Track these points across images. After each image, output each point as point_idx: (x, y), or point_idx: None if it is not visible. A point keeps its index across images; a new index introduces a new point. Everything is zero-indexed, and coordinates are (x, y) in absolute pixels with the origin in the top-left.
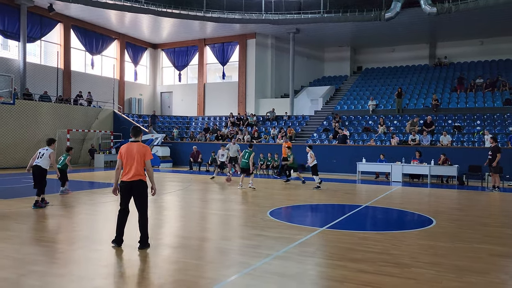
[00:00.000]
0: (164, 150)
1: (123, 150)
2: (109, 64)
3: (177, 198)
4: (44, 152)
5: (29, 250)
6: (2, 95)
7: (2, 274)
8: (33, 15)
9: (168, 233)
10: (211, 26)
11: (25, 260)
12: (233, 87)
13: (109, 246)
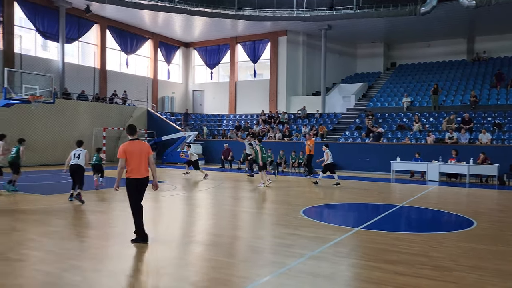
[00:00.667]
0: (196, 147)
1: (126, 149)
2: (143, 63)
3: (209, 195)
4: (79, 153)
5: (69, 245)
6: (42, 95)
7: (45, 268)
8: (71, 16)
9: (201, 231)
10: (242, 24)
11: (66, 255)
12: (264, 85)
13: (148, 243)
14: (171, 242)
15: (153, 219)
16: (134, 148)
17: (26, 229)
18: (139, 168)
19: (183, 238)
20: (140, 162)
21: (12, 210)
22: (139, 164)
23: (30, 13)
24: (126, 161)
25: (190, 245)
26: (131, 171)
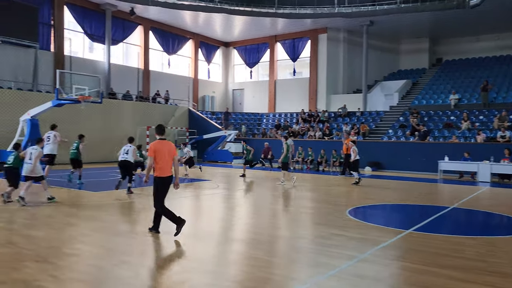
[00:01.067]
0: (236, 146)
1: (156, 148)
2: (184, 63)
3: (251, 194)
4: (128, 149)
5: (119, 240)
6: (91, 95)
7: (98, 262)
8: (116, 19)
9: (244, 229)
10: (282, 22)
11: (117, 250)
12: (304, 83)
13: (191, 240)
14: (216, 240)
15: (199, 217)
16: (163, 147)
17: (79, 224)
18: (166, 167)
19: (227, 236)
20: (168, 161)
21: (66, 206)
22: (167, 163)
23: (79, 16)
24: (154, 160)
25: (234, 244)
26: (159, 170)
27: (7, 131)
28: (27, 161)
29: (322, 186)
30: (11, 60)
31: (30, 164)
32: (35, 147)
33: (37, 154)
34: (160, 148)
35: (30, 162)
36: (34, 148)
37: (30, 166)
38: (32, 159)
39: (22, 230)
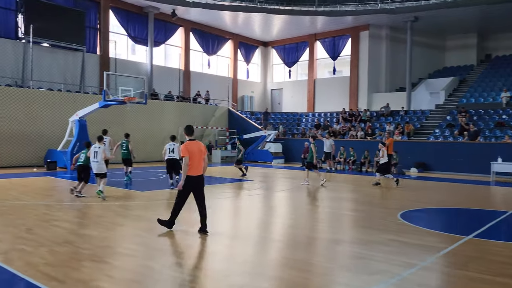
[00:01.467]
0: (276, 146)
1: (188, 148)
2: (224, 63)
3: (297, 195)
4: (173, 147)
5: (170, 241)
6: (136, 96)
7: (151, 263)
8: (159, 21)
9: (294, 233)
10: (321, 20)
11: (168, 251)
12: (344, 82)
13: (239, 242)
14: (267, 243)
15: (245, 218)
16: (195, 147)
17: (128, 224)
18: (198, 166)
19: (277, 239)
20: (200, 161)
21: (115, 205)
22: (199, 162)
23: (123, 19)
24: None
25: (286, 247)
26: (191, 169)
27: (57, 131)
28: (93, 159)
29: (366, 188)
30: (60, 63)
31: (97, 162)
32: (97, 145)
33: (102, 152)
34: (192, 149)
35: (96, 160)
36: (97, 146)
37: (97, 164)
38: (97, 157)
39: (76, 229)
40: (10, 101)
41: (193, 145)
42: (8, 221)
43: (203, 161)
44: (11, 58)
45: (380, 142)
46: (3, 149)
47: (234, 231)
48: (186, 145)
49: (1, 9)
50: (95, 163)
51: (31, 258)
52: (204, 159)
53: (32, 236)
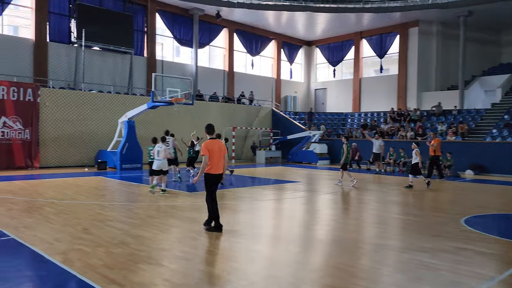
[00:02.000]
0: (321, 147)
1: (208, 147)
2: (267, 63)
3: (348, 198)
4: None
5: (224, 245)
6: (182, 97)
7: (209, 268)
8: (203, 23)
9: (351, 239)
10: (368, 17)
11: (224, 255)
12: (392, 81)
13: (294, 247)
14: (328, 248)
15: (298, 221)
16: (215, 146)
17: (181, 226)
18: (218, 165)
19: (335, 245)
20: (220, 160)
21: (165, 206)
22: (218, 161)
23: (169, 22)
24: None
25: (345, 254)
26: (211, 168)
27: (107, 132)
28: (156, 157)
29: (418, 191)
30: (109, 66)
31: (160, 160)
32: (160, 145)
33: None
34: (212, 148)
35: (159, 158)
36: (160, 146)
37: (161, 162)
38: (160, 156)
39: (130, 230)
40: (64, 103)
41: (213, 144)
42: (65, 220)
43: (223, 160)
44: (64, 62)
45: (414, 142)
46: (57, 149)
47: (286, 235)
48: (207, 144)
49: (56, 15)
50: (158, 161)
51: (90, 259)
52: (224, 157)
53: (88, 236)
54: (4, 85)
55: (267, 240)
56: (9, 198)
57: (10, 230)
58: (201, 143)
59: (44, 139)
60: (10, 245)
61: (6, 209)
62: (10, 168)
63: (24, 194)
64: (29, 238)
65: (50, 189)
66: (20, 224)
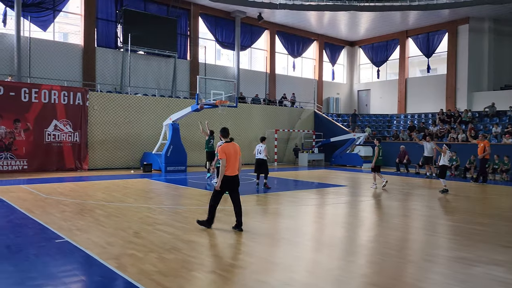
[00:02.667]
0: (366, 150)
1: (225, 150)
2: (308, 65)
3: (402, 203)
4: (261, 148)
5: (280, 253)
6: (227, 99)
7: (266, 278)
8: (245, 25)
9: (414, 248)
10: (414, 15)
11: (281, 264)
12: (440, 81)
13: (361, 260)
14: (389, 260)
15: (355, 228)
16: (231, 149)
17: (231, 231)
18: (234, 167)
19: (400, 255)
20: (236, 162)
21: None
22: (234, 163)
23: (211, 25)
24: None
25: (411, 266)
26: (227, 169)
27: (152, 134)
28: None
29: (476, 196)
30: (154, 70)
31: None
32: (261, 144)
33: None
34: (228, 151)
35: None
36: (261, 145)
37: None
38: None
39: (181, 235)
40: (111, 106)
41: (229, 147)
42: (116, 223)
43: (238, 162)
44: (111, 66)
45: (444, 143)
46: (104, 152)
47: (342, 244)
48: (223, 148)
49: (103, 21)
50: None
51: (143, 265)
52: (239, 159)
53: (140, 241)
54: (56, 90)
55: (324, 249)
56: (62, 200)
57: (65, 233)
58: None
59: (92, 142)
60: (65, 248)
61: (59, 211)
62: (60, 169)
63: (75, 196)
64: (83, 241)
65: (99, 191)
66: (73, 227)
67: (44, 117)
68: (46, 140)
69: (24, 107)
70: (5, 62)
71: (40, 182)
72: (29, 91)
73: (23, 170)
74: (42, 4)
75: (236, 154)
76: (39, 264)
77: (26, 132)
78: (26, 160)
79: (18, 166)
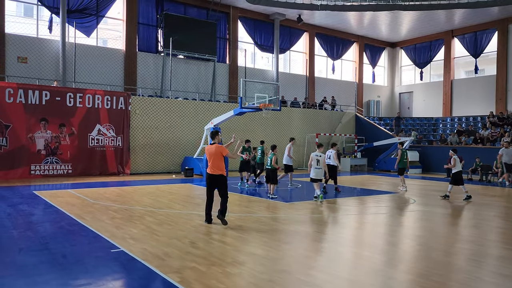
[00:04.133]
0: (412, 154)
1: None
2: (348, 67)
3: (464, 213)
4: (330, 154)
5: (349, 267)
6: (270, 102)
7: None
8: (284, 28)
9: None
10: (460, 14)
11: (360, 282)
12: (489, 82)
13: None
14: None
15: (422, 241)
16: (211, 150)
17: (291, 242)
18: (212, 166)
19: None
20: (213, 161)
21: (264, 218)
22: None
23: (250, 28)
24: None
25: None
26: (208, 168)
27: (192, 139)
28: (316, 166)
29: None
30: (193, 74)
31: (319, 169)
32: (318, 153)
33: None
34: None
35: (319, 167)
36: (319, 154)
37: (319, 170)
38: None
39: (240, 246)
40: (152, 110)
41: (210, 148)
42: (169, 232)
43: (219, 161)
44: (151, 70)
45: (451, 149)
46: (146, 156)
47: (418, 258)
48: (206, 149)
49: (145, 25)
50: (318, 169)
51: (208, 281)
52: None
53: (198, 252)
54: (99, 94)
55: (400, 265)
56: (109, 206)
57: (119, 242)
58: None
59: (134, 146)
60: (122, 259)
61: (109, 218)
62: (103, 174)
63: (122, 201)
64: (140, 251)
65: (145, 197)
66: (126, 235)
67: (88, 121)
68: (90, 145)
69: (69, 111)
70: (51, 68)
71: (85, 186)
72: (74, 96)
73: (68, 174)
74: (86, 10)
75: (211, 156)
76: (99, 276)
77: (71, 137)
78: (70, 164)
79: (63, 170)
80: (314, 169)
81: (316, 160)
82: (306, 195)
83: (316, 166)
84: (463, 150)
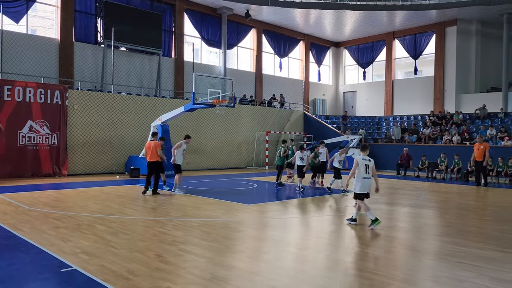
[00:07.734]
0: None
1: (147, 145)
2: (295, 65)
3: (442, 211)
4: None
5: (336, 277)
6: (225, 99)
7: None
8: (231, 23)
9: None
10: (401, 16)
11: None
12: (427, 83)
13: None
14: None
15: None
16: (151, 144)
17: (271, 251)
18: (152, 156)
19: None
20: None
21: (233, 223)
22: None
23: (197, 22)
24: None
25: None
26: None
27: (137, 137)
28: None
29: (493, 201)
30: (136, 67)
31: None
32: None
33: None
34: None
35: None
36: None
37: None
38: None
39: (215, 258)
40: (92, 106)
41: (150, 143)
42: (128, 243)
43: (156, 152)
44: (90, 63)
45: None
46: (85, 155)
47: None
48: (148, 143)
49: (82, 14)
50: (367, 179)
51: None
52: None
53: (169, 267)
54: (31, 87)
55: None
56: (50, 213)
57: (69, 258)
58: None
59: (72, 145)
60: (78, 281)
61: (52, 227)
62: (36, 175)
63: (63, 207)
64: (97, 270)
65: (90, 201)
66: (77, 249)
67: (17, 117)
68: (20, 143)
69: None
70: None
71: (16, 190)
72: (1, 88)
73: None
74: None
75: (150, 148)
76: None
77: None
78: None
79: None
80: (361, 179)
81: (365, 167)
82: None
83: (364, 174)
84: (408, 148)
